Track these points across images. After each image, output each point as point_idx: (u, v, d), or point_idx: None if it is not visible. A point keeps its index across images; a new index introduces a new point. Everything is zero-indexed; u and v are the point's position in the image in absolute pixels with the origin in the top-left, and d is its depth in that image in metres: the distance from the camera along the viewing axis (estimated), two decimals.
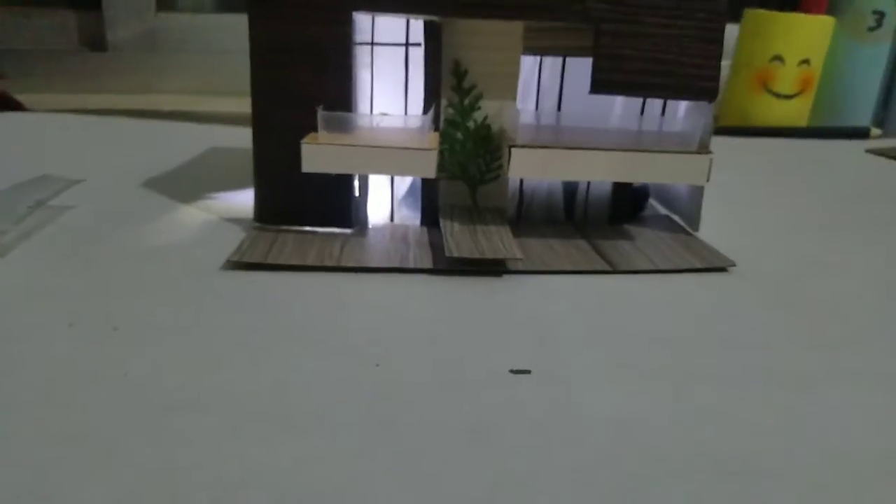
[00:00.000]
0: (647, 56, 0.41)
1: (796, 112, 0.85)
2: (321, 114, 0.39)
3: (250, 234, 0.42)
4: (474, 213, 0.45)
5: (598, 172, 0.41)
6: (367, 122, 0.42)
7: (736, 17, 0.85)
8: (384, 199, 0.47)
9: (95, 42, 1.08)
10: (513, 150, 0.40)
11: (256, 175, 0.43)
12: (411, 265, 0.38)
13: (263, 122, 0.42)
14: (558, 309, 0.34)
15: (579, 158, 0.40)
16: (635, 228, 0.47)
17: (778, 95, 0.83)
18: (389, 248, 0.41)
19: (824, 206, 0.57)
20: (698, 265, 0.40)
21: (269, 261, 0.38)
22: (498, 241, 0.40)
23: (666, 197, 0.51)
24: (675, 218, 0.49)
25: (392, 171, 0.40)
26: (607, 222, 0.48)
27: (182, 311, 0.32)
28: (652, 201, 0.52)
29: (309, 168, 0.39)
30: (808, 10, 0.82)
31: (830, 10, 0.83)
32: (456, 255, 0.37)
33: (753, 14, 0.84)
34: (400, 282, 0.37)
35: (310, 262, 0.38)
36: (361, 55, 0.42)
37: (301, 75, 0.41)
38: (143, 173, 0.57)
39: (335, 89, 0.41)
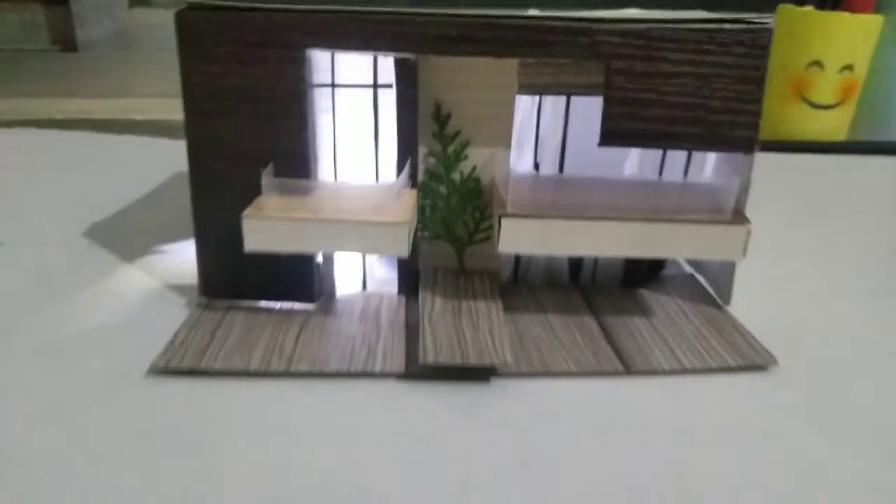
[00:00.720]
0: (669, 100, 0.33)
1: (835, 124, 0.77)
2: (266, 179, 0.32)
3: (191, 315, 0.35)
4: (461, 280, 0.38)
5: (608, 248, 0.34)
6: (326, 184, 0.35)
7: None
8: (355, 262, 0.40)
9: (67, 41, 1.01)
10: (503, 220, 0.33)
11: (198, 242, 0.36)
12: (378, 368, 0.31)
13: (203, 180, 0.35)
14: (557, 440, 0.27)
15: (585, 231, 0.33)
16: (654, 296, 0.39)
17: (815, 105, 0.75)
18: (356, 336, 0.34)
19: (874, 254, 0.49)
20: (732, 363, 0.33)
21: (203, 366, 0.31)
22: (486, 333, 0.33)
23: None
24: (700, 279, 0.42)
25: (356, 249, 0.33)
26: (620, 286, 0.41)
27: (78, 455, 0.26)
28: None
29: (253, 246, 0.32)
30: (853, 8, 0.73)
31: (879, 6, 0.74)
32: (431, 361, 0.30)
33: (788, 11, 0.75)
34: (362, 392, 0.30)
35: (253, 366, 0.31)
36: (320, 99, 0.35)
37: (246, 126, 0.34)
38: (91, 212, 0.51)
39: (288, 141, 0.34)
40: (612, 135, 0.34)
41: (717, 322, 0.37)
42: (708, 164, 0.39)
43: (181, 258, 0.43)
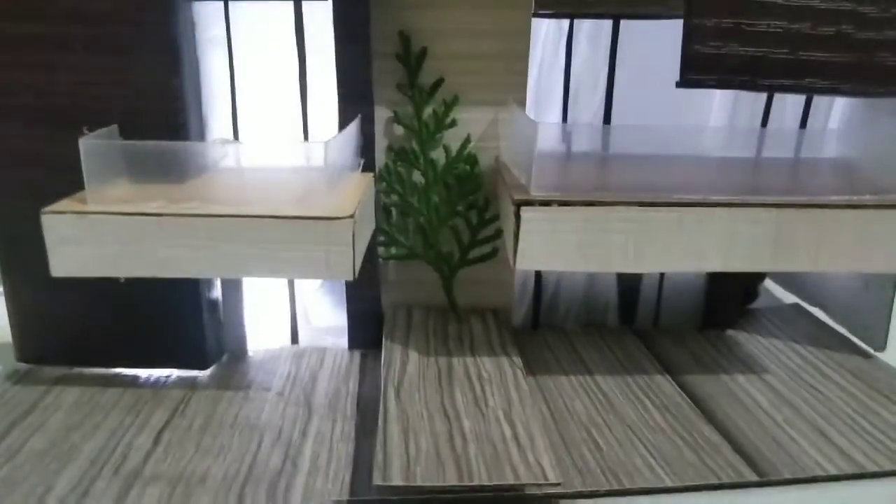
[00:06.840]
0: (799, 4, 0.20)
1: None
2: (86, 143, 0.18)
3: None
4: (451, 325, 0.24)
5: (709, 257, 0.20)
6: (223, 171, 0.21)
7: None
8: (279, 297, 0.25)
9: None
10: (524, 212, 0.19)
11: (6, 279, 0.22)
12: (298, 500, 0.17)
13: (5, 165, 0.21)
14: None
15: (672, 228, 0.19)
16: (754, 341, 0.26)
17: None
18: (266, 429, 0.19)
19: None
20: None
21: None
22: (499, 419, 0.19)
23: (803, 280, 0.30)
24: (816, 313, 0.28)
25: (257, 271, 0.19)
26: (699, 328, 0.27)
27: None
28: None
29: (64, 270, 0.18)
30: None
31: None
32: (396, 481, 0.16)
33: None
34: None
35: (59, 492, 0.16)
36: (205, 22, 0.21)
37: (68, 65, 0.20)
38: None
39: (147, 91, 0.20)
40: (699, 66, 0.21)
41: (874, 380, 0.23)
42: (834, 121, 0.26)
43: None
